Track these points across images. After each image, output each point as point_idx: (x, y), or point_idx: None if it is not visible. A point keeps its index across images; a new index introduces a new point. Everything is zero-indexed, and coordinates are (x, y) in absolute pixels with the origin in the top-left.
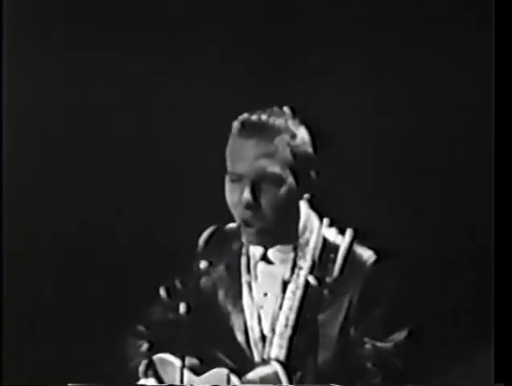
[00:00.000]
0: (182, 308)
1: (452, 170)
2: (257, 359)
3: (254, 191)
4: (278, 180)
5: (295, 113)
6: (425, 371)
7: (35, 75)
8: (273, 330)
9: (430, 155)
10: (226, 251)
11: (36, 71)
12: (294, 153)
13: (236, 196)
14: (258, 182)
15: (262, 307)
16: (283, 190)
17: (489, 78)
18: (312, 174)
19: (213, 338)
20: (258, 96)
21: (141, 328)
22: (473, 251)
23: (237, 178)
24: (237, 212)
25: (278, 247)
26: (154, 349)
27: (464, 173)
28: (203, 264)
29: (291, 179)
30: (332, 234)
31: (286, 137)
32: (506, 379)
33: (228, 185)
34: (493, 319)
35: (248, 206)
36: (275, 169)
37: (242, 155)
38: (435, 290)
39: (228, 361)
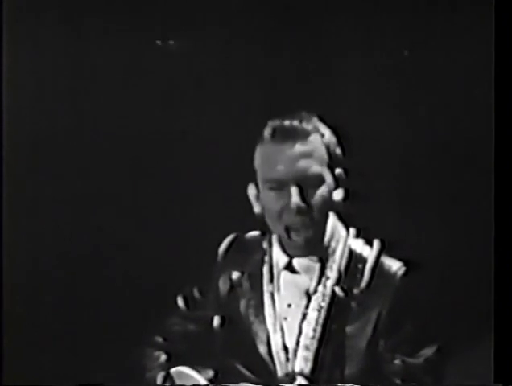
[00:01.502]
0: (216, 321)
1: (482, 181)
2: (279, 372)
3: (303, 194)
4: (320, 180)
5: (322, 118)
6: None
7: (35, 73)
8: (298, 343)
9: (461, 165)
10: (247, 260)
11: (36, 69)
12: (329, 152)
13: (279, 204)
14: (302, 185)
15: (285, 319)
16: (326, 189)
17: None
18: (342, 175)
19: (234, 350)
20: (282, 101)
21: (158, 338)
22: (503, 263)
23: (278, 185)
24: (282, 222)
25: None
26: (172, 360)
27: (497, 185)
28: (235, 275)
29: (329, 177)
30: (359, 245)
31: (317, 136)
32: (506, 379)
33: (266, 194)
34: (493, 319)
35: (299, 210)
36: (316, 168)
37: (279, 160)
38: (467, 303)
39: (249, 374)
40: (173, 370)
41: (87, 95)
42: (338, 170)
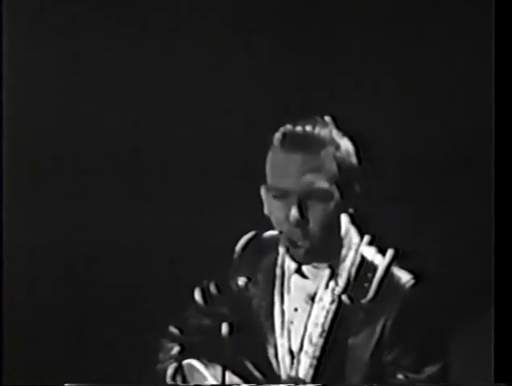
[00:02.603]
0: (224, 328)
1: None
2: (283, 375)
3: (301, 209)
4: (326, 195)
5: (336, 123)
6: None
7: (35, 73)
8: (301, 348)
9: (479, 175)
10: (262, 259)
11: (36, 69)
12: (340, 166)
13: (281, 213)
14: (305, 199)
15: (292, 323)
16: (331, 205)
17: None
18: (357, 187)
19: (244, 349)
20: (294, 106)
21: (174, 330)
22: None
23: (282, 195)
24: (283, 229)
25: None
26: (184, 353)
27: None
28: (241, 281)
29: (337, 194)
30: (370, 253)
31: (331, 149)
32: (506, 379)
33: (269, 200)
34: (493, 319)
35: (297, 224)
36: (323, 184)
37: (287, 170)
38: (475, 319)
39: (257, 373)
40: (184, 362)
41: (87, 95)
42: (353, 186)
